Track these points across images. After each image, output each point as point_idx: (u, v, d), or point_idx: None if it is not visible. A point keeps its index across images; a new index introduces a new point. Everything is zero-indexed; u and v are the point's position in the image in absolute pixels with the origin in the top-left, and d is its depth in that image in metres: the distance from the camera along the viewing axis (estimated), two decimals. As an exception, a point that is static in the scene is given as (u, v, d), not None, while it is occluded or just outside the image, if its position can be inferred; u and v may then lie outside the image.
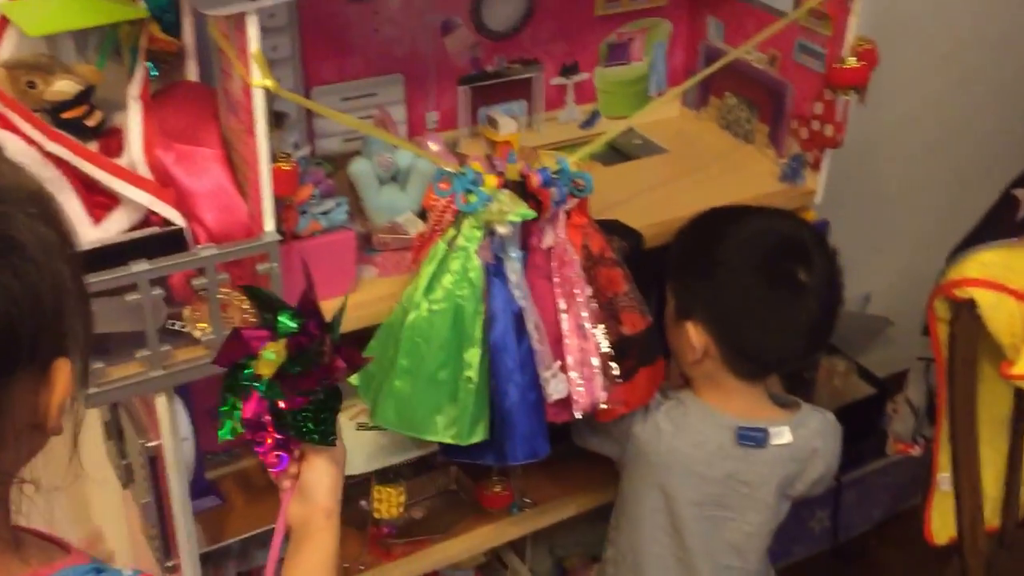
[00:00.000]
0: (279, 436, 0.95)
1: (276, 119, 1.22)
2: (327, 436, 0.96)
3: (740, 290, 1.33)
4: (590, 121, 1.66)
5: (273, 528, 1.00)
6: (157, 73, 1.26)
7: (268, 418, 0.95)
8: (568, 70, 1.60)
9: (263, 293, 0.97)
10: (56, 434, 0.78)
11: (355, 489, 1.47)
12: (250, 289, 0.98)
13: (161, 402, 1.17)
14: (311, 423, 0.95)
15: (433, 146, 1.35)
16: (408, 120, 1.49)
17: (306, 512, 0.98)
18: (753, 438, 1.39)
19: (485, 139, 1.52)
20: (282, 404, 0.94)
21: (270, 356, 0.93)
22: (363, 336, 1.32)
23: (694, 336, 1.36)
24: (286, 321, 0.93)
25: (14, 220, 0.70)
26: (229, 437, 0.97)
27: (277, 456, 0.97)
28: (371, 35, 1.41)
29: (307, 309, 0.94)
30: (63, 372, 0.74)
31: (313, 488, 0.98)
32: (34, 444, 0.77)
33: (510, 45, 1.53)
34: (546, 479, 1.56)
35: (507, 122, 1.48)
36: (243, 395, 0.95)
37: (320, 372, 0.94)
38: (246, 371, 0.94)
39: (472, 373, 1.21)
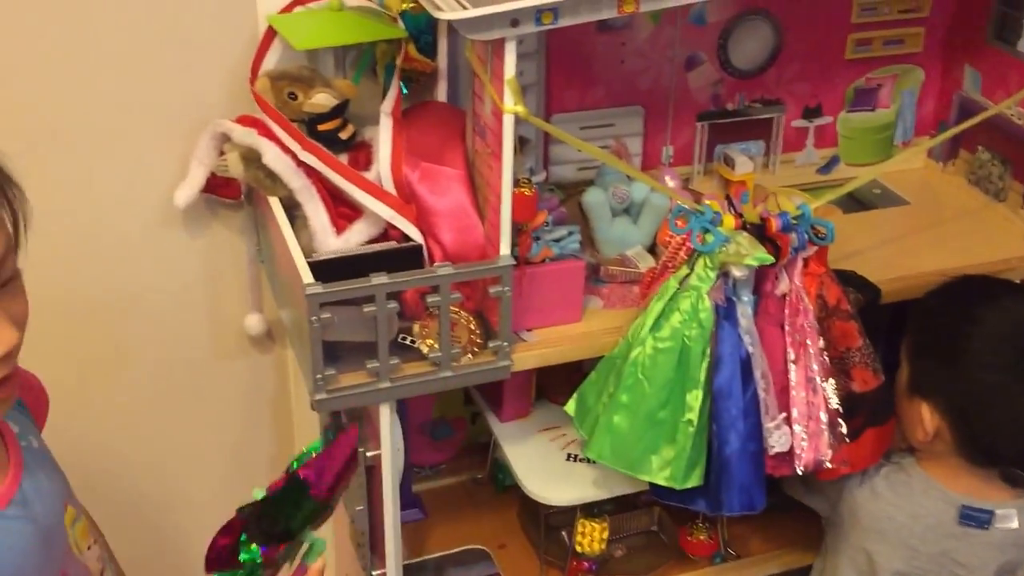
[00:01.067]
0: None
1: (518, 143, 1.23)
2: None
3: (987, 387, 1.23)
4: (828, 166, 1.60)
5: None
6: (407, 91, 1.30)
7: None
8: (811, 112, 1.55)
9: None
10: None
11: (556, 518, 1.47)
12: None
13: (385, 413, 1.19)
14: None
15: (670, 181, 1.34)
16: (643, 153, 1.48)
17: None
18: (976, 518, 1.29)
19: (719, 177, 1.49)
20: None
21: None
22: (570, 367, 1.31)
23: (927, 418, 1.28)
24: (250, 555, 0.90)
25: None
26: None
27: None
28: (616, 66, 1.41)
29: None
30: None
31: None
32: None
33: (753, 84, 1.50)
34: (752, 531, 1.51)
35: (744, 161, 1.45)
36: None
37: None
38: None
39: (693, 416, 1.18)
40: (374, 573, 1.30)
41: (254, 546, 0.85)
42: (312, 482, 0.87)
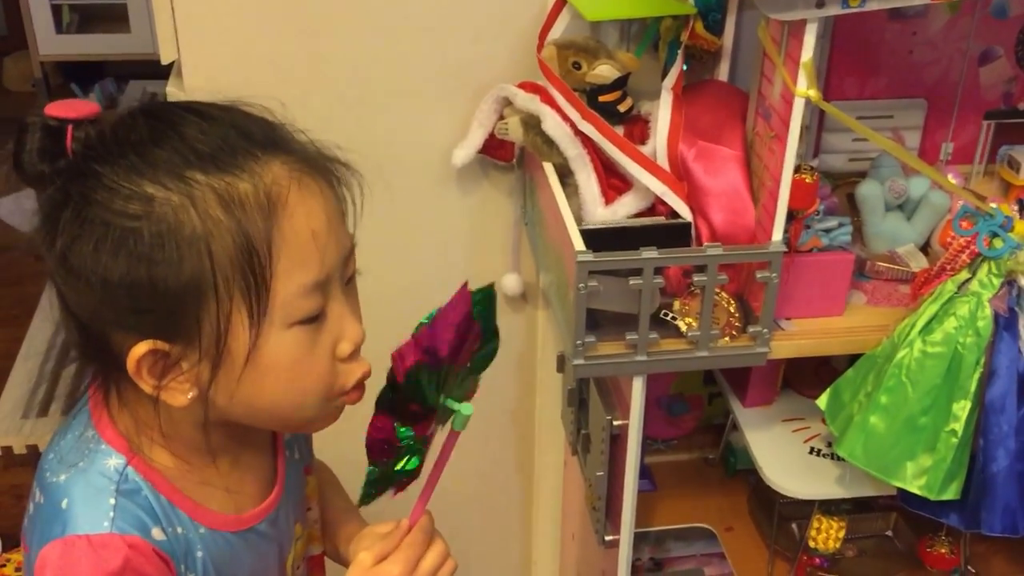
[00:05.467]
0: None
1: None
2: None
3: None
4: (1122, 177, 1.49)
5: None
6: (687, 68, 1.29)
7: None
8: (1111, 118, 1.45)
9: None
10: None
11: (788, 509, 1.45)
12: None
13: (637, 385, 1.21)
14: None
15: (952, 180, 1.28)
16: (921, 148, 1.42)
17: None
18: None
19: (1000, 180, 1.42)
20: None
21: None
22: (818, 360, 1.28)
23: None
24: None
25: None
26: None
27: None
28: (903, 56, 1.36)
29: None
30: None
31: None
32: None
33: (1051, 83, 1.41)
34: (998, 551, 1.44)
35: (1030, 165, 1.37)
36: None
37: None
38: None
39: (958, 427, 1.13)
40: (607, 538, 1.32)
41: (404, 428, 0.85)
42: (429, 356, 0.83)
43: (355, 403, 0.89)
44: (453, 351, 0.84)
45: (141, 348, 0.80)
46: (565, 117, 1.24)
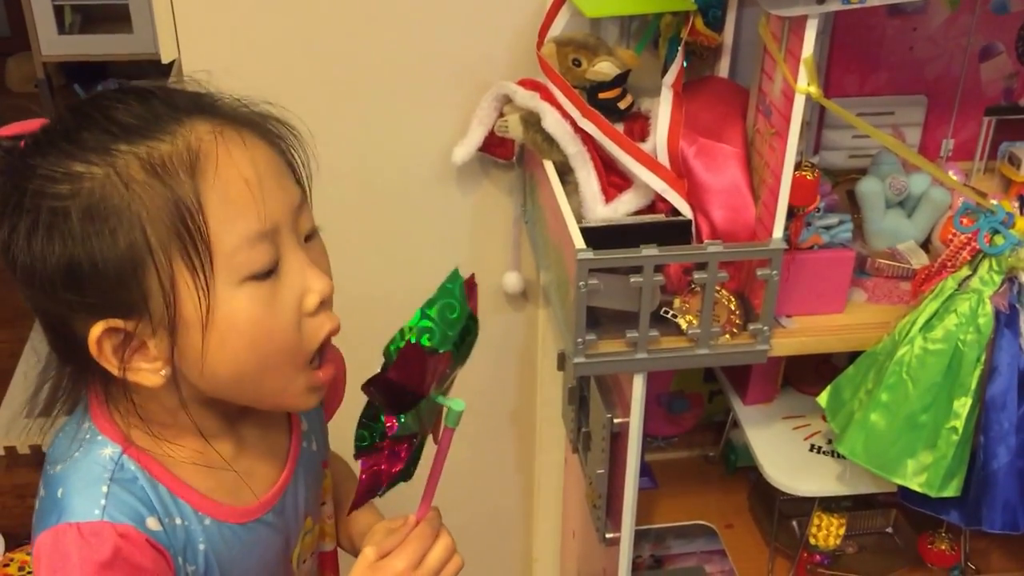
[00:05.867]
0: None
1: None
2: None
3: None
4: (1124, 174, 1.49)
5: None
6: (687, 65, 1.29)
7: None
8: (1114, 114, 1.45)
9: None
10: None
11: (788, 506, 1.45)
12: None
13: (637, 383, 1.21)
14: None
15: (953, 176, 1.28)
16: (921, 145, 1.41)
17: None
18: None
19: (1001, 176, 1.41)
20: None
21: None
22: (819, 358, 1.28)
23: None
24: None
25: None
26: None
27: None
28: (903, 52, 1.35)
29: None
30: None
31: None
32: None
33: (1051, 80, 1.41)
34: (998, 548, 1.44)
35: (1031, 161, 1.36)
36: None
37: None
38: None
39: (959, 424, 1.13)
40: (607, 535, 1.32)
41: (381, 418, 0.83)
42: (409, 399, 0.82)
43: (326, 381, 0.87)
44: (428, 381, 0.83)
45: (97, 330, 0.79)
46: (565, 114, 1.24)
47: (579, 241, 1.13)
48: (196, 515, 0.86)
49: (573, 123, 1.24)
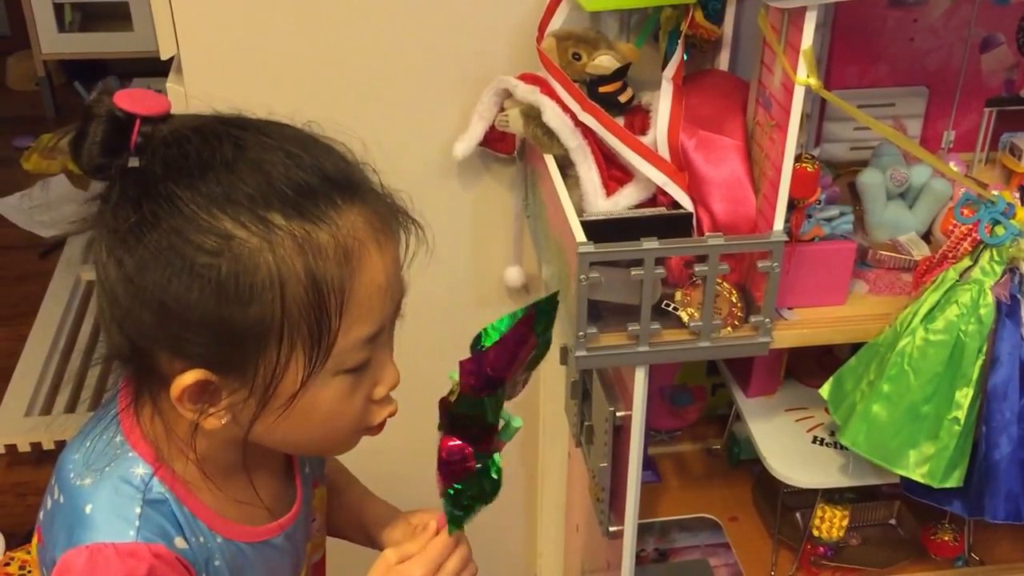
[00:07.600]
0: None
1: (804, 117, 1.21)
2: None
3: None
4: (1125, 164, 1.49)
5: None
6: (687, 58, 1.29)
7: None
8: (1114, 104, 1.45)
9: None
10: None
11: (792, 499, 1.45)
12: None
13: (639, 377, 1.21)
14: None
15: (953, 168, 1.28)
16: (922, 136, 1.42)
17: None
18: None
19: (1002, 167, 1.41)
20: None
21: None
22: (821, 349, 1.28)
23: None
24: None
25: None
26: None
27: None
28: (904, 43, 1.36)
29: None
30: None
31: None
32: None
33: (1051, 70, 1.41)
34: (1001, 538, 1.44)
35: (1032, 152, 1.36)
36: None
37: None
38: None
39: (960, 414, 1.13)
40: (611, 529, 1.32)
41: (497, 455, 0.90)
42: (491, 386, 0.87)
43: (374, 436, 0.92)
44: (513, 371, 0.88)
45: (190, 377, 0.80)
46: (565, 108, 1.24)
47: (580, 235, 1.13)
48: (211, 533, 0.89)
49: (574, 117, 1.24)
